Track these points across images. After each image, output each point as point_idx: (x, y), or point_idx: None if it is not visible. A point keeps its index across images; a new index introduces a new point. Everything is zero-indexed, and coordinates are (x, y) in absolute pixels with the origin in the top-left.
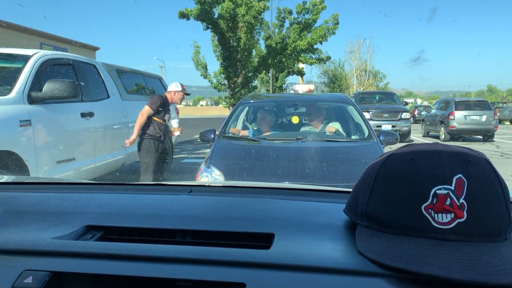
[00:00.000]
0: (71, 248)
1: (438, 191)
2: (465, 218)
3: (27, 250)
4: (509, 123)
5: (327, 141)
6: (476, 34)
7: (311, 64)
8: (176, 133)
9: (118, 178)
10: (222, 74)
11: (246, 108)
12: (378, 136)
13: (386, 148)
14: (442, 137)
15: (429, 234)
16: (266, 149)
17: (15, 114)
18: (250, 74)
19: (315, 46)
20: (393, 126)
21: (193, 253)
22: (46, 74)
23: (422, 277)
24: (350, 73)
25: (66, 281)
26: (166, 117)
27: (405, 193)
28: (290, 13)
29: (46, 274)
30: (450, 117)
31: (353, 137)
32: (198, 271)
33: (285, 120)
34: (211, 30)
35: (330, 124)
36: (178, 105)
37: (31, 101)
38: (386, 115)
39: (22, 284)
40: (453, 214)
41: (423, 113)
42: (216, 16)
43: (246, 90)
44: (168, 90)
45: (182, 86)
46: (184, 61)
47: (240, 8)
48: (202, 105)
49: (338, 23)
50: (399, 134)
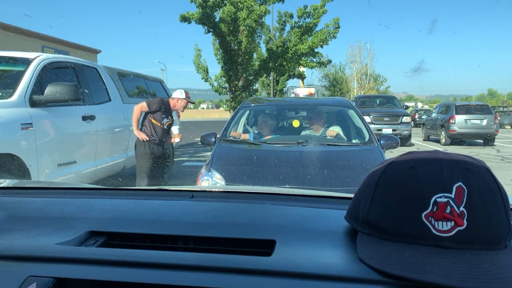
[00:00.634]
0: (75, 254)
1: (438, 199)
2: (465, 226)
3: (31, 256)
4: (509, 127)
5: (328, 145)
6: (476, 41)
7: (312, 67)
8: (176, 139)
9: (120, 182)
10: (223, 77)
11: (247, 111)
12: (378, 140)
13: (386, 152)
14: (443, 141)
15: (429, 241)
16: (267, 153)
17: (17, 117)
18: (251, 78)
19: (316, 50)
20: (393, 130)
21: (195, 260)
22: (47, 77)
23: (422, 284)
24: (351, 76)
25: (70, 287)
26: (165, 121)
27: (405, 200)
28: (291, 16)
29: (50, 280)
30: (451, 121)
31: (353, 141)
32: (200, 278)
33: (286, 123)
34: (212, 33)
35: (331, 128)
36: (181, 112)
37: (33, 104)
38: (386, 119)
39: None
40: (453, 222)
41: (424, 117)
42: (217, 19)
43: (247, 93)
44: (172, 97)
45: (186, 94)
46: (185, 64)
47: (241, 12)
48: (203, 108)
49: (339, 27)
50: (400, 138)
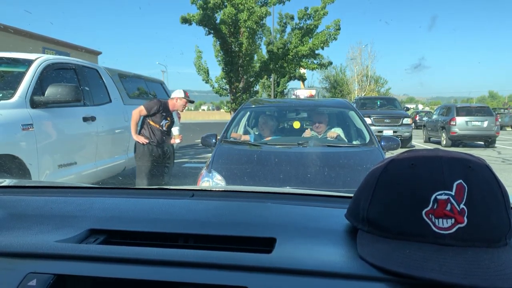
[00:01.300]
0: (75, 251)
1: (439, 197)
2: (465, 223)
3: (31, 253)
4: (510, 129)
5: (329, 146)
6: (476, 41)
7: (313, 69)
8: (176, 140)
9: (121, 182)
10: (223, 79)
11: (248, 113)
12: (379, 141)
13: (387, 153)
14: (444, 142)
15: (429, 239)
16: (267, 154)
17: (18, 118)
18: (251, 79)
19: (317, 52)
20: (394, 132)
21: (195, 256)
22: (48, 78)
23: (422, 281)
24: (352, 78)
25: (70, 284)
26: (164, 122)
27: (405, 198)
28: (292, 18)
29: (50, 277)
30: (452, 122)
31: (354, 142)
32: (200, 275)
33: (286, 125)
34: (213, 35)
35: (332, 129)
36: (180, 111)
37: (34, 105)
38: (387, 121)
39: (26, 286)
40: (453, 220)
41: (425, 118)
42: (218, 21)
43: (248, 95)
44: (171, 97)
45: (185, 93)
46: (186, 66)
47: (242, 13)
48: (204, 109)
49: (339, 29)
50: (401, 139)
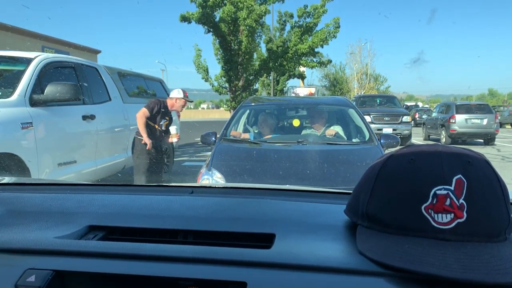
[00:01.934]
0: (74, 247)
1: (438, 192)
2: (464, 218)
3: (30, 249)
4: (510, 127)
5: (328, 144)
6: (476, 36)
7: (312, 67)
8: (173, 139)
9: (120, 179)
10: (223, 77)
11: (247, 111)
12: (379, 139)
13: (386, 151)
14: (443, 140)
15: (429, 234)
16: (267, 152)
17: (17, 116)
18: (251, 78)
19: (316, 50)
20: (394, 130)
21: (194, 252)
22: (47, 76)
23: (422, 276)
24: (351, 76)
25: (69, 280)
26: (162, 122)
27: (405, 193)
28: (291, 16)
29: (49, 273)
30: (451, 120)
31: (354, 140)
32: (199, 270)
33: (286, 123)
34: (213, 33)
35: (331, 127)
36: (180, 111)
37: (33, 103)
38: (387, 119)
39: (25, 282)
40: (453, 214)
41: (424, 116)
42: (217, 19)
43: (247, 93)
44: (170, 97)
45: (184, 93)
46: (185, 64)
47: (241, 11)
48: (203, 108)
49: (339, 27)
50: (400, 137)
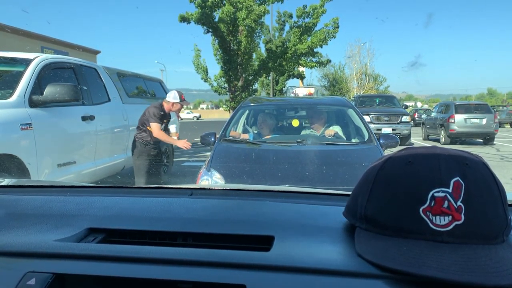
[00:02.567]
0: (74, 250)
1: (436, 194)
2: (462, 220)
3: (30, 252)
4: (509, 126)
5: (327, 144)
6: (472, 39)
7: (311, 67)
8: (173, 138)
9: (119, 181)
10: (222, 78)
11: (247, 111)
12: (378, 139)
13: (386, 151)
14: (442, 140)
15: (427, 236)
16: (266, 152)
17: (17, 117)
18: (250, 78)
19: (315, 50)
20: (393, 130)
21: (194, 255)
22: (47, 77)
23: (420, 279)
24: (350, 76)
25: (69, 283)
26: (162, 126)
27: (403, 195)
28: (290, 16)
29: (49, 276)
30: (450, 120)
31: (353, 140)
32: (198, 273)
33: (285, 123)
34: (212, 33)
35: (330, 127)
36: (177, 114)
37: (32, 104)
38: (386, 119)
39: (25, 285)
40: (450, 217)
41: (423, 116)
42: (216, 19)
43: (247, 93)
44: (166, 100)
45: (181, 96)
46: (185, 64)
47: (240, 12)
48: (203, 108)
49: (338, 27)
50: (399, 137)
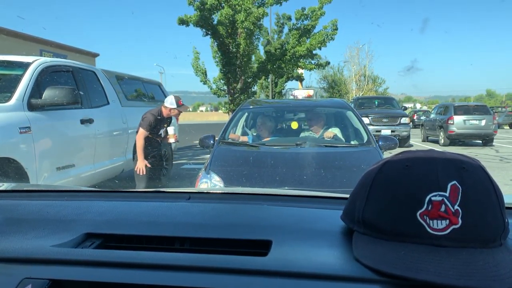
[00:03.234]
0: (71, 256)
1: (433, 198)
2: (460, 224)
3: (27, 258)
4: (508, 127)
5: (326, 146)
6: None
7: (310, 69)
8: (170, 140)
9: (117, 185)
10: (221, 80)
11: (246, 113)
12: (377, 141)
13: (385, 153)
14: (442, 141)
15: (424, 240)
16: (265, 155)
17: (15, 121)
18: (249, 80)
19: (314, 52)
20: (392, 131)
21: (191, 260)
22: (46, 81)
23: (417, 283)
24: (349, 78)
25: None
26: (161, 131)
27: (400, 199)
28: (289, 19)
29: (46, 282)
30: (449, 121)
31: (352, 142)
32: (196, 278)
33: (284, 125)
34: (211, 36)
35: (329, 129)
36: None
37: (31, 108)
38: (385, 120)
39: None
40: (448, 221)
41: (423, 117)
42: (215, 22)
43: (246, 95)
44: (164, 105)
45: (179, 101)
46: (184, 67)
47: (239, 14)
48: (202, 110)
49: (337, 29)
50: (399, 139)
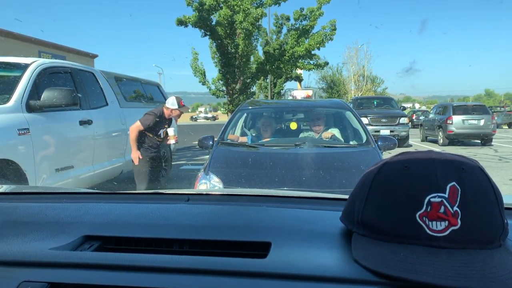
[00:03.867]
0: (69, 259)
1: (432, 199)
2: (459, 225)
3: (25, 261)
4: (507, 127)
5: (325, 146)
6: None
7: (309, 70)
8: (171, 141)
9: (116, 187)
10: (220, 81)
11: (245, 114)
12: (376, 141)
13: (384, 153)
14: (441, 141)
15: (423, 241)
16: (264, 155)
17: (14, 122)
18: (248, 80)
19: (313, 52)
20: (391, 131)
21: (190, 263)
22: (44, 82)
23: (417, 285)
24: (348, 78)
25: None
26: (161, 132)
27: (399, 201)
28: (288, 19)
29: (44, 285)
30: (448, 121)
31: (351, 142)
32: (195, 281)
33: (283, 126)
34: (209, 37)
35: (329, 130)
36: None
37: (30, 109)
38: (384, 120)
39: None
40: (447, 222)
41: (421, 117)
42: (214, 23)
43: (245, 96)
44: (166, 105)
45: (180, 102)
46: (183, 67)
47: (237, 15)
48: (201, 111)
49: (335, 29)
50: (398, 139)
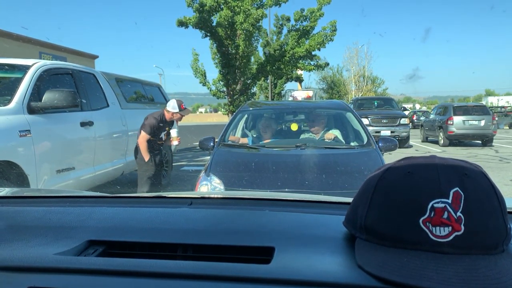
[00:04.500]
0: (74, 264)
1: (436, 205)
2: (462, 231)
3: (30, 266)
4: (507, 128)
5: (326, 148)
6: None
7: (310, 70)
8: (174, 142)
9: (119, 190)
10: (221, 81)
11: (246, 115)
12: (377, 142)
13: (384, 154)
14: (441, 142)
15: (427, 247)
16: (265, 156)
17: (15, 124)
18: (248, 81)
19: (313, 53)
20: (392, 132)
21: (194, 268)
22: (45, 83)
23: None
24: (349, 79)
25: None
26: (163, 134)
27: (403, 206)
28: (288, 20)
29: None
30: (449, 122)
31: (352, 143)
32: (199, 287)
33: (284, 127)
34: (210, 37)
35: (329, 131)
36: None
37: (31, 111)
38: (384, 121)
39: None
40: (450, 227)
41: (422, 118)
42: (214, 24)
43: (245, 97)
44: (167, 109)
45: (181, 105)
46: (183, 68)
47: (238, 16)
48: (201, 112)
49: (336, 30)
50: (398, 139)
